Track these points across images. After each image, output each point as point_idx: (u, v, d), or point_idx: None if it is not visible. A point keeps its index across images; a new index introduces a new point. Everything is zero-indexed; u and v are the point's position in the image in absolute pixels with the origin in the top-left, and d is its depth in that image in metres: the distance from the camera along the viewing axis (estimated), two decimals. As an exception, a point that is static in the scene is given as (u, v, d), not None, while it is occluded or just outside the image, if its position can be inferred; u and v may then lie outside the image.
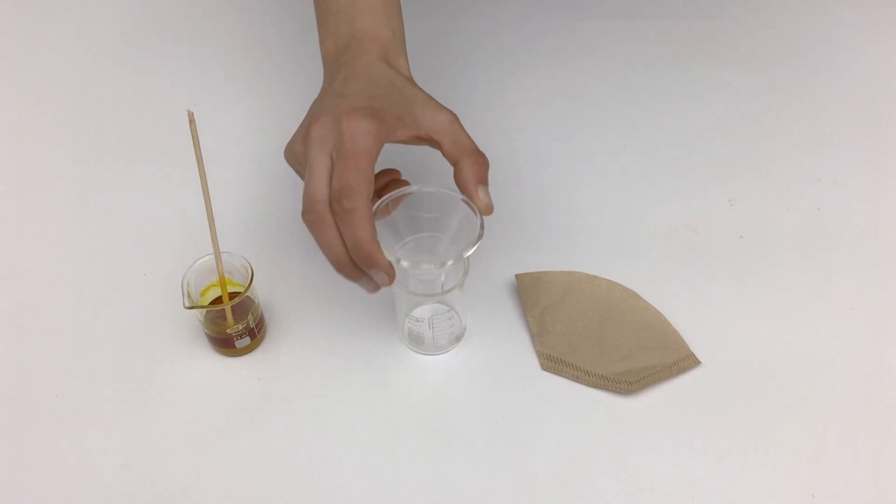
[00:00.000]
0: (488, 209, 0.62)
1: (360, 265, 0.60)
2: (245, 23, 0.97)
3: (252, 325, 0.69)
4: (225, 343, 0.69)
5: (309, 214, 0.60)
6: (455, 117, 0.64)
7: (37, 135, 0.87)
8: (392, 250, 0.65)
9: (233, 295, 0.68)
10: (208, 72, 0.92)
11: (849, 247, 0.76)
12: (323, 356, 0.70)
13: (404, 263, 0.62)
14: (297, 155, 0.63)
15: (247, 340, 0.69)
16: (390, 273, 0.60)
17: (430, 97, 0.65)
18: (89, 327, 0.72)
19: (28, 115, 0.89)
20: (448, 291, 0.63)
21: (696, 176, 0.81)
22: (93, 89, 0.91)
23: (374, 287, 0.62)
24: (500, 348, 0.70)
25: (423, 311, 0.68)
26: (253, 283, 0.67)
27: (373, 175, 0.60)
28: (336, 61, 0.67)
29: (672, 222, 0.78)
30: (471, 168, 0.62)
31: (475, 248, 0.62)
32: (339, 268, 0.61)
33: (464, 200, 0.63)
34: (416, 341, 0.70)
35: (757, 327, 0.71)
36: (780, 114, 0.86)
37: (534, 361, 0.69)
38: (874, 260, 0.75)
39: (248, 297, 0.67)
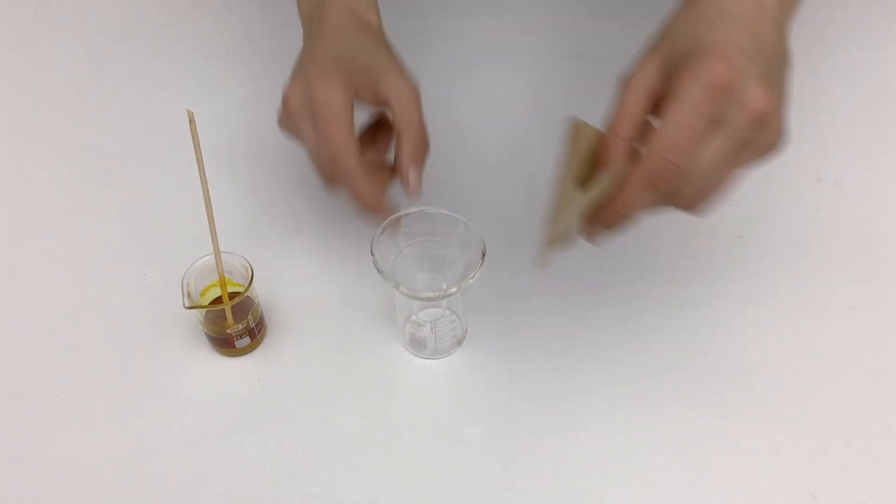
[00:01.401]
0: (415, 189, 0.64)
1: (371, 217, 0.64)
2: (245, 23, 0.97)
3: (252, 325, 0.69)
4: (225, 343, 0.69)
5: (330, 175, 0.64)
6: (414, 91, 0.64)
7: (36, 135, 0.87)
8: (388, 258, 0.65)
9: (233, 295, 0.68)
10: (208, 71, 0.92)
11: (849, 247, 0.76)
12: (323, 356, 0.70)
13: (404, 290, 0.62)
14: (284, 122, 0.66)
15: (247, 340, 0.69)
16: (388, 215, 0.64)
17: (395, 60, 0.66)
18: (89, 327, 0.72)
19: (27, 114, 0.89)
20: (449, 295, 0.63)
21: (696, 176, 0.81)
22: (92, 89, 0.91)
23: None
24: (499, 349, 0.70)
25: (425, 315, 0.67)
26: (253, 283, 0.67)
27: (353, 134, 0.62)
28: (310, 22, 0.69)
29: (672, 222, 0.78)
30: (408, 145, 0.63)
31: (476, 274, 0.63)
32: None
33: (465, 223, 0.65)
34: (418, 346, 0.69)
35: (757, 327, 0.71)
36: (780, 114, 0.86)
37: (534, 362, 0.69)
38: (874, 260, 0.75)
39: (248, 297, 0.67)
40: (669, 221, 0.78)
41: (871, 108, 0.86)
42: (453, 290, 0.63)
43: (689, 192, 0.53)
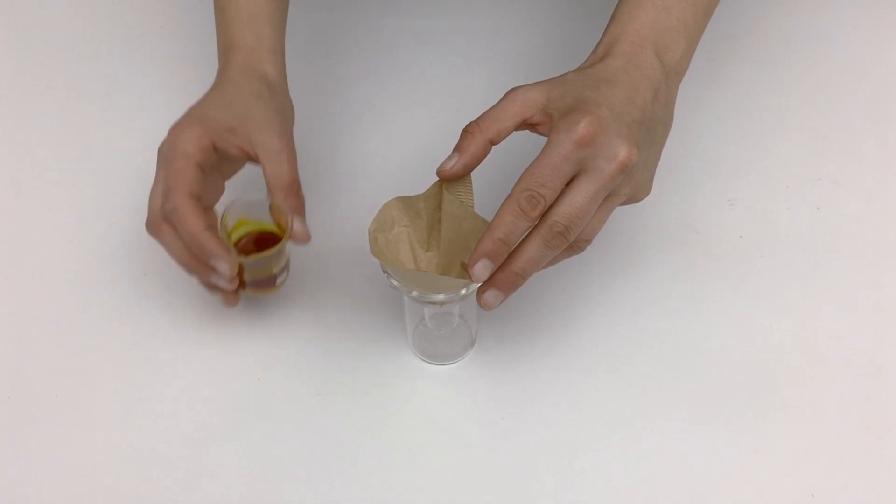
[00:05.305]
0: (304, 237, 0.65)
1: (202, 259, 0.62)
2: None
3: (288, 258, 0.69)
4: (266, 284, 0.69)
5: (147, 225, 0.65)
6: (285, 146, 0.65)
7: (36, 134, 0.87)
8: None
9: (268, 237, 0.67)
10: (208, 71, 0.92)
11: (849, 247, 0.76)
12: (323, 356, 0.70)
13: (414, 294, 0.62)
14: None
15: (284, 275, 0.69)
16: (230, 261, 0.62)
17: (273, 117, 0.66)
18: (89, 327, 0.72)
19: (27, 114, 0.89)
20: (460, 299, 0.62)
21: (696, 176, 0.81)
22: (92, 89, 0.91)
23: (230, 298, 0.66)
24: (499, 350, 0.70)
25: (435, 319, 0.67)
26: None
27: (194, 174, 0.63)
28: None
29: (672, 222, 0.78)
30: (283, 203, 0.65)
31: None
32: (186, 267, 0.64)
33: None
34: (428, 351, 0.69)
35: (757, 327, 0.71)
36: (780, 114, 0.86)
37: (535, 362, 0.69)
38: (874, 260, 0.75)
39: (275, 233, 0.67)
40: (669, 222, 0.78)
41: (871, 108, 0.86)
42: (462, 291, 0.62)
43: (576, 234, 0.59)
